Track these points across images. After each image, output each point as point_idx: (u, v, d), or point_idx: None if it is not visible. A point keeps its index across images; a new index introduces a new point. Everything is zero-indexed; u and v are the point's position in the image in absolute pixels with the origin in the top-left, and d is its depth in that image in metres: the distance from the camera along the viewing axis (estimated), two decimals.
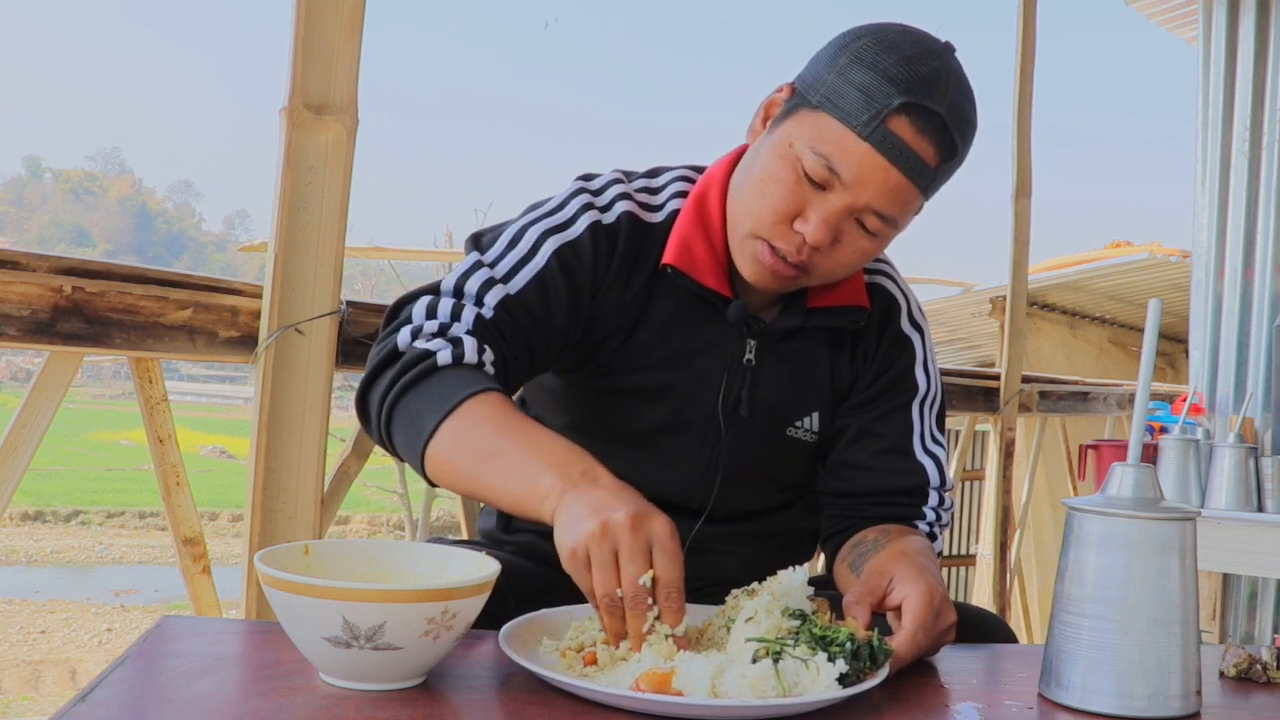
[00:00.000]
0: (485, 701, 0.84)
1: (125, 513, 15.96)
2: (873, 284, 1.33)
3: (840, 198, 1.13)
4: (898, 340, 1.33)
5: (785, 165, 1.14)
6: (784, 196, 1.14)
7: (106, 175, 65.40)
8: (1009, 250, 3.39)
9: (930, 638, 0.99)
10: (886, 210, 1.14)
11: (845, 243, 1.16)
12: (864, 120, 1.10)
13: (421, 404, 1.07)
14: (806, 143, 1.13)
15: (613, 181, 1.26)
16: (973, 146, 1.19)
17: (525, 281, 1.19)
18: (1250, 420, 3.56)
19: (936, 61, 1.13)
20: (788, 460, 1.32)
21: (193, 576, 1.77)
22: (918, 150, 1.11)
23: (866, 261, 1.20)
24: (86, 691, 0.79)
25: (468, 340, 1.12)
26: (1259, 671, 1.05)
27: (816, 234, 1.13)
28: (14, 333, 1.47)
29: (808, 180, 1.13)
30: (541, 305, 1.19)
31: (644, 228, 1.24)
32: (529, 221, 1.23)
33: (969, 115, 1.15)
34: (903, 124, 1.10)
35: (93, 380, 31.07)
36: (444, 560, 0.95)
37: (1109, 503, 0.92)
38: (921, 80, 1.10)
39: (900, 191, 1.13)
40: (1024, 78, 3.24)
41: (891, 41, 1.13)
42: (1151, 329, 0.95)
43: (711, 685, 0.83)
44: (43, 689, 8.21)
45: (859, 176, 1.12)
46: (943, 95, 1.12)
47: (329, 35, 1.65)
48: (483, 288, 1.18)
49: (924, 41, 1.14)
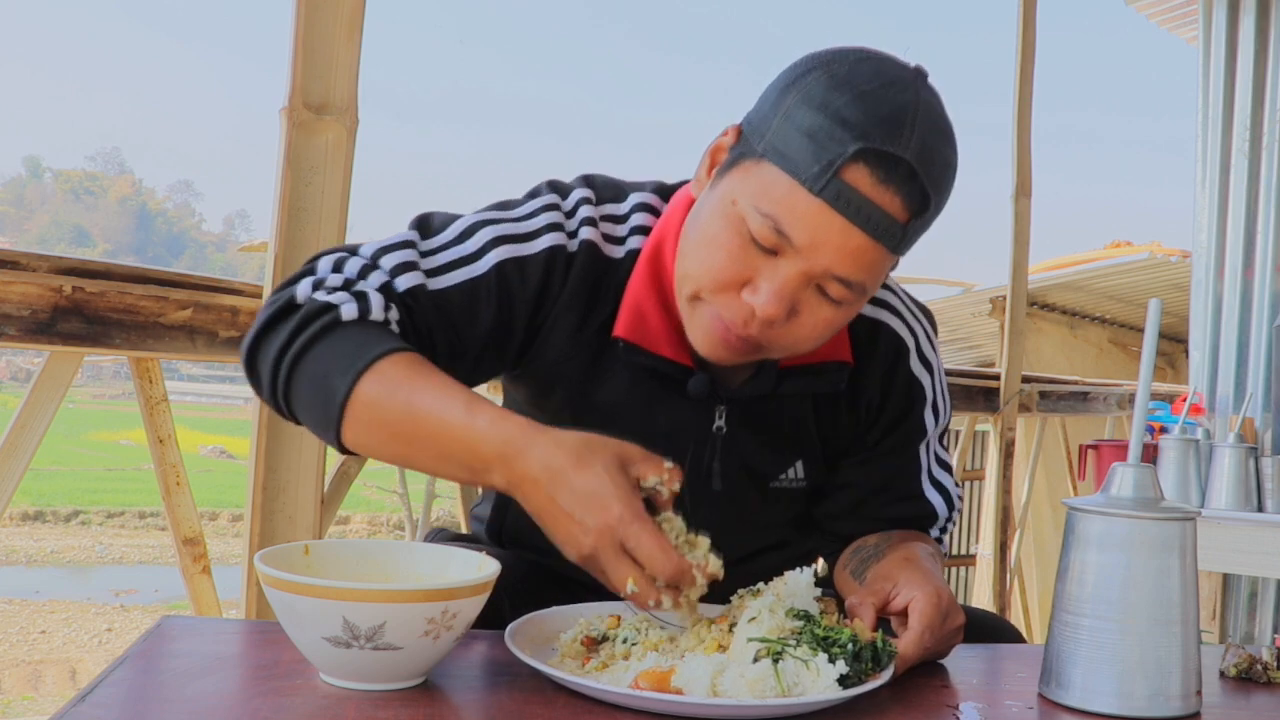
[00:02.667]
0: (485, 701, 0.84)
1: (125, 513, 15.95)
2: (873, 322, 1.18)
3: (794, 264, 0.97)
4: (907, 385, 1.20)
5: (728, 227, 0.99)
6: (727, 264, 0.99)
7: (106, 175, 65.42)
8: (1009, 250, 3.40)
9: (937, 640, 0.98)
10: (850, 276, 0.98)
11: (805, 314, 1.00)
12: (814, 173, 0.94)
13: (327, 363, 0.97)
14: (750, 201, 0.97)
15: (582, 201, 1.13)
16: (954, 187, 1.02)
17: (455, 282, 1.06)
18: (1250, 420, 3.56)
19: (900, 95, 0.96)
20: (775, 509, 1.23)
21: (193, 576, 1.77)
22: (881, 204, 0.95)
23: (835, 331, 1.04)
24: (86, 691, 0.79)
25: (374, 296, 1.01)
26: (1259, 671, 1.05)
27: (768, 308, 0.97)
28: (14, 333, 1.47)
29: (755, 244, 0.97)
30: (464, 312, 1.06)
31: (604, 262, 1.11)
32: (484, 220, 1.10)
33: (943, 156, 0.98)
34: (860, 175, 0.94)
35: (93, 380, 31.08)
36: (444, 560, 0.95)
37: (1109, 503, 0.92)
38: (881, 121, 0.94)
39: (864, 254, 0.96)
40: (1024, 78, 3.24)
41: (844, 75, 0.96)
42: (1151, 329, 0.95)
43: (711, 684, 0.83)
44: (43, 689, 8.21)
45: (812, 240, 0.95)
46: (908, 137, 0.94)
47: (329, 35, 1.65)
48: (400, 267, 1.05)
49: (885, 71, 0.97)
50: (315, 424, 1.00)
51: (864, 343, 1.18)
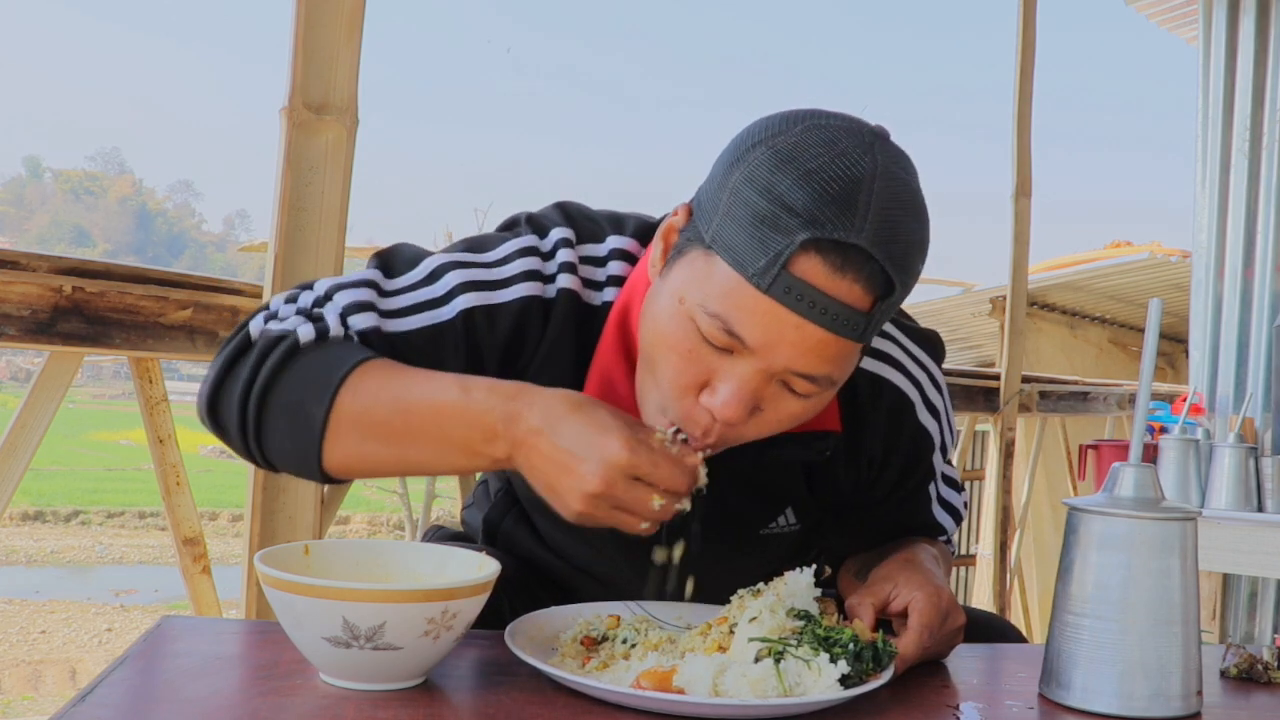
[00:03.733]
0: (485, 701, 0.84)
1: (125, 513, 15.95)
2: (873, 378, 1.11)
3: (750, 364, 0.89)
4: (914, 437, 1.14)
5: (677, 327, 0.90)
6: (683, 368, 0.91)
7: (106, 175, 65.44)
8: (1009, 250, 3.40)
9: (937, 639, 0.98)
10: (814, 371, 0.90)
11: (769, 410, 0.93)
12: (760, 268, 0.85)
13: (298, 390, 0.93)
14: (698, 299, 0.89)
15: (562, 243, 1.06)
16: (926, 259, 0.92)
17: (417, 326, 1.01)
18: (1250, 420, 3.56)
19: (852, 168, 0.86)
20: (766, 553, 1.18)
21: (193, 576, 1.77)
22: (837, 295, 0.86)
23: (805, 419, 0.96)
24: (86, 691, 0.79)
25: (331, 317, 0.97)
26: (1259, 671, 1.05)
27: (726, 409, 0.90)
28: (14, 333, 1.47)
29: (707, 345, 0.90)
30: (426, 358, 1.00)
31: (583, 310, 1.05)
32: (454, 262, 1.04)
33: (906, 231, 0.88)
34: (812, 266, 0.85)
35: (93, 380, 31.08)
36: (444, 560, 0.95)
37: (1110, 503, 0.92)
38: (830, 202, 0.84)
39: (825, 348, 0.88)
40: (1024, 78, 3.24)
41: (789, 150, 0.86)
42: (1152, 329, 0.95)
43: (713, 684, 0.83)
44: (43, 689, 8.21)
45: (765, 339, 0.87)
46: (862, 217, 0.85)
47: (329, 35, 1.65)
48: (354, 306, 0.99)
49: (836, 142, 0.87)
50: (293, 456, 0.96)
51: (865, 399, 1.11)
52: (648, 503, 0.87)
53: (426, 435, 0.93)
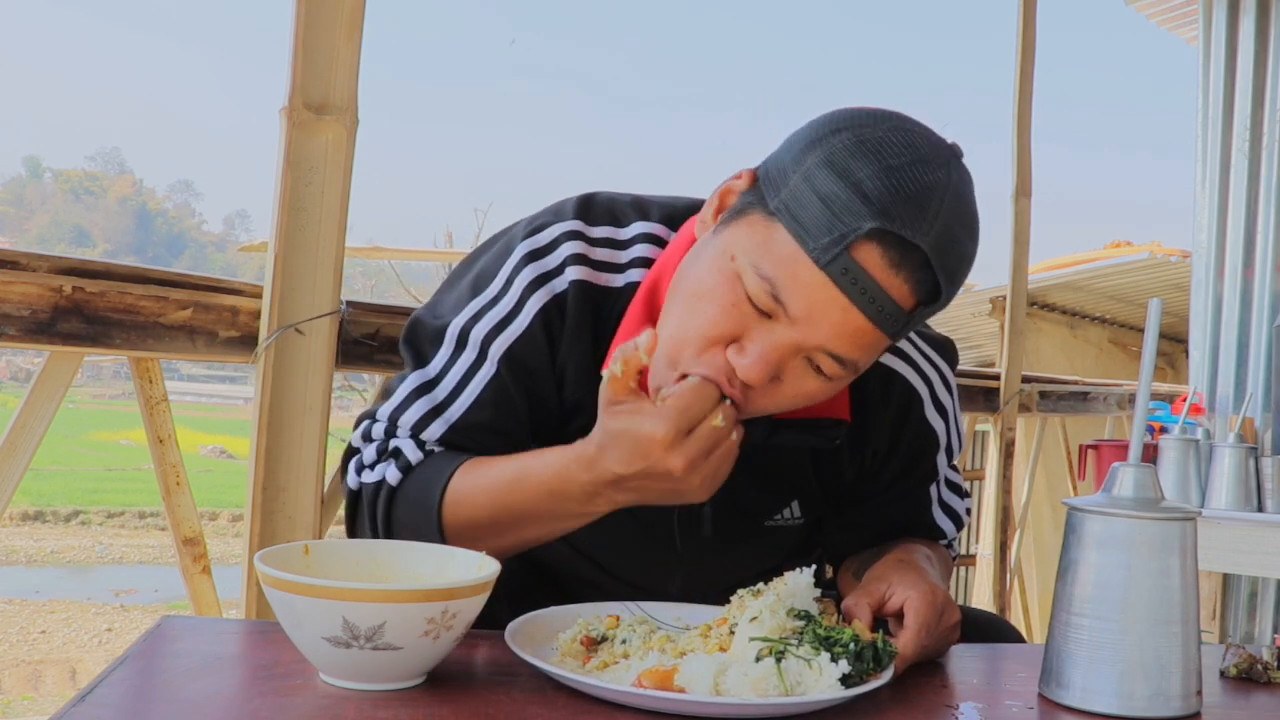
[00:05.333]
0: (485, 701, 0.84)
1: (125, 513, 15.95)
2: (886, 370, 1.13)
3: (786, 333, 0.92)
4: (919, 433, 1.16)
5: (723, 281, 0.93)
6: (717, 319, 0.93)
7: (106, 175, 65.43)
8: (1009, 250, 3.40)
9: (934, 637, 0.99)
10: (844, 354, 0.92)
11: (788, 382, 0.95)
12: (823, 244, 0.88)
13: (410, 532, 1.03)
14: (751, 259, 0.91)
15: (565, 236, 1.08)
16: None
17: (474, 398, 1.07)
18: (1250, 420, 3.56)
19: (929, 175, 0.89)
20: (770, 545, 1.21)
21: (193, 576, 1.77)
22: (888, 289, 0.89)
23: (816, 401, 0.99)
24: (86, 691, 0.79)
25: (406, 445, 1.07)
26: (1259, 671, 1.05)
27: (751, 370, 0.92)
28: (14, 333, 1.47)
29: (750, 304, 0.92)
30: (497, 418, 1.07)
31: (599, 293, 1.08)
32: (473, 316, 1.08)
33: (962, 248, 0.92)
34: (872, 254, 0.88)
35: (93, 380, 31.07)
36: (444, 560, 0.95)
37: (1109, 503, 0.92)
38: (905, 200, 0.88)
39: (862, 335, 0.91)
40: (1024, 78, 3.24)
41: (874, 143, 0.89)
42: (1151, 329, 0.95)
43: (714, 683, 0.83)
44: (43, 689, 8.21)
45: (810, 312, 0.90)
46: (930, 222, 0.88)
47: (329, 35, 1.65)
48: (419, 424, 1.08)
49: (918, 146, 0.90)
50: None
51: (875, 393, 1.14)
52: (715, 427, 0.91)
53: (535, 519, 1.01)
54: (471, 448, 1.08)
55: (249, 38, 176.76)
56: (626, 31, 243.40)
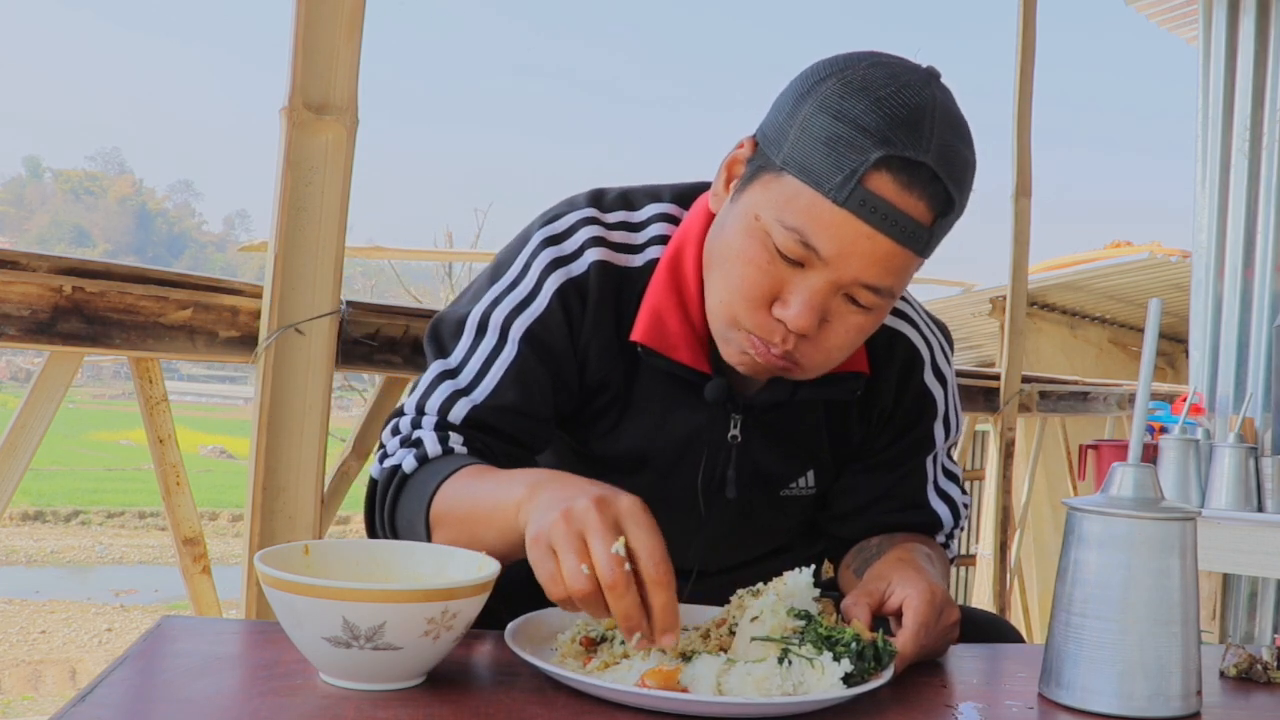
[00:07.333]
0: (485, 701, 0.84)
1: (125, 513, 15.95)
2: (891, 331, 1.19)
3: (822, 275, 0.97)
4: (919, 397, 1.21)
5: (754, 242, 0.99)
6: (757, 280, 0.99)
7: (106, 175, 65.45)
8: (1009, 250, 3.40)
9: (933, 636, 0.99)
10: (879, 282, 0.98)
11: (835, 322, 1.01)
12: (837, 183, 0.94)
13: (409, 517, 1.05)
14: (774, 215, 0.97)
15: (581, 222, 1.12)
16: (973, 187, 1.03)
17: (497, 379, 1.09)
18: (1250, 420, 3.56)
19: (915, 97, 0.95)
20: (783, 516, 1.24)
21: (193, 576, 1.77)
22: (906, 209, 0.95)
23: (864, 338, 1.06)
24: (86, 691, 0.79)
25: (428, 437, 1.07)
26: (1259, 671, 1.05)
27: (799, 319, 0.98)
28: (14, 333, 1.47)
29: (782, 258, 0.98)
30: (522, 399, 1.09)
31: (619, 273, 1.11)
32: (490, 303, 1.11)
33: (962, 155, 0.98)
34: (884, 181, 0.94)
35: (93, 380, 31.08)
36: (444, 560, 0.95)
37: (1109, 503, 0.92)
38: (900, 125, 0.94)
39: (892, 259, 0.97)
40: (1024, 78, 3.24)
41: (860, 81, 0.96)
42: (1151, 329, 0.95)
43: (717, 683, 0.83)
44: (43, 689, 8.21)
45: (840, 249, 0.96)
46: (928, 139, 0.95)
47: (329, 35, 1.65)
48: (445, 405, 1.09)
49: (899, 75, 0.97)
50: None
51: (880, 351, 1.18)
52: (553, 574, 0.84)
53: (486, 526, 0.99)
54: (499, 429, 1.09)
55: (249, 38, 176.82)
56: (626, 31, 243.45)
